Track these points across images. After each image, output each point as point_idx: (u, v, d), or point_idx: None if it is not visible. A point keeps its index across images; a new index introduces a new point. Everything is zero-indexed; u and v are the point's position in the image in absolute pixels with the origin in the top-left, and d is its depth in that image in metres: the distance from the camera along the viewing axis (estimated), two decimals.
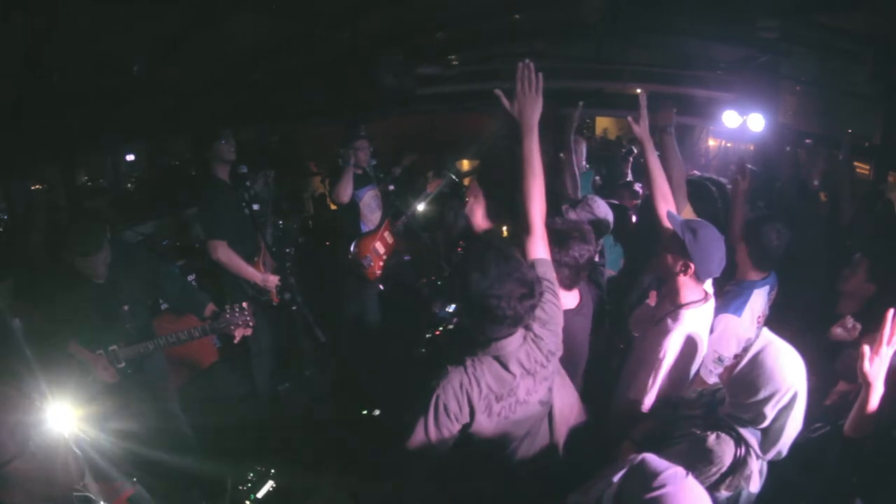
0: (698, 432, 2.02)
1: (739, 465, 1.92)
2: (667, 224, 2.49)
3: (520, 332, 1.97)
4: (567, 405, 2.29)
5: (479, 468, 2.04)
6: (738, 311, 2.73)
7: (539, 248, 2.14)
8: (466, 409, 1.92)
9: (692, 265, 2.35)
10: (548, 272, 2.13)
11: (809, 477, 2.23)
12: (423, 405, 1.91)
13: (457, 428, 1.93)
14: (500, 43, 6.50)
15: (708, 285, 2.54)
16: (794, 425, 1.91)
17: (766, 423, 1.91)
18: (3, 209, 6.41)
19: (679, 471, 1.48)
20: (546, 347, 2.02)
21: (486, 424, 1.96)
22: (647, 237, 2.93)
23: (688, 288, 2.41)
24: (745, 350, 1.94)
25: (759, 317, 2.84)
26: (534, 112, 2.12)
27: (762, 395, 1.87)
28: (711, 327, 2.55)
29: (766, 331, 1.98)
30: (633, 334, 2.83)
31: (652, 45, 6.77)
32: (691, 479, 1.47)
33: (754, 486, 1.94)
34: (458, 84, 6.59)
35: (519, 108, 2.12)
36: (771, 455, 1.95)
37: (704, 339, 2.47)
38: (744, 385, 1.92)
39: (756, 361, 1.89)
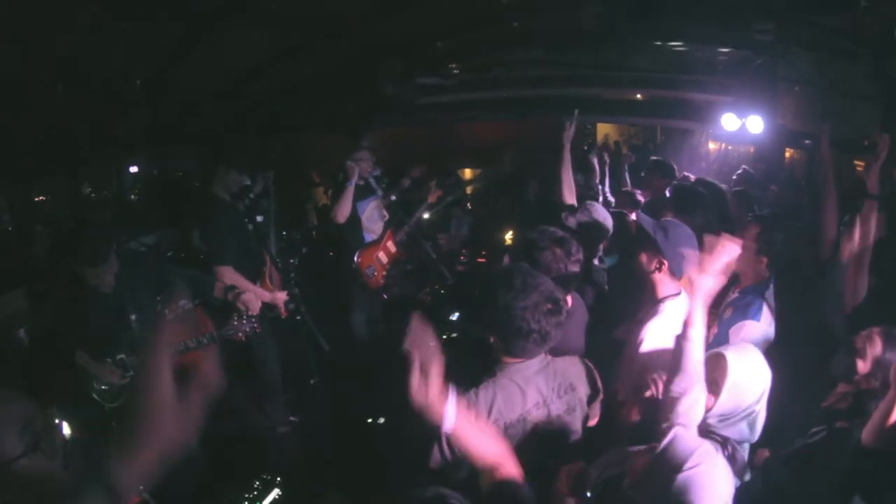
0: None
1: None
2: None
3: (541, 356, 1.96)
4: None
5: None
6: (756, 315, 2.67)
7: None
8: None
9: (665, 262, 2.45)
10: None
11: (806, 482, 2.21)
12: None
13: None
14: (500, 51, 6.52)
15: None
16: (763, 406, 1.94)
17: (752, 418, 1.91)
18: (6, 220, 6.45)
19: (710, 448, 1.48)
20: (568, 380, 2.03)
21: None
22: None
23: (663, 283, 2.52)
24: (717, 384, 1.90)
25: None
26: None
27: (743, 410, 1.89)
28: (728, 337, 2.60)
29: (730, 355, 1.94)
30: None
31: (649, 51, 6.79)
32: (721, 458, 1.46)
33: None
34: (459, 93, 6.60)
35: None
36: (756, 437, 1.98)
37: None
38: (728, 408, 1.90)
39: (734, 389, 1.88)
